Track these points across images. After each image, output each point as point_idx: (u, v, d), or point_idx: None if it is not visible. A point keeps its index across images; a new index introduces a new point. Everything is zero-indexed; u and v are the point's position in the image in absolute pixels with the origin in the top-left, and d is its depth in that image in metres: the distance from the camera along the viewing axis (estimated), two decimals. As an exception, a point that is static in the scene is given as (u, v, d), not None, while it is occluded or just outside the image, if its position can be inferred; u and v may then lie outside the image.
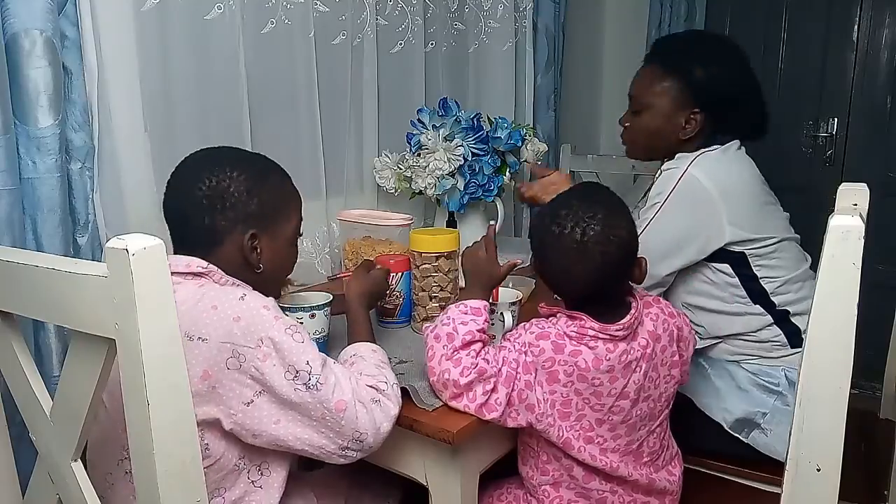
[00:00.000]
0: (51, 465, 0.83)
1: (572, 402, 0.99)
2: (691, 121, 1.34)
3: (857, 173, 2.43)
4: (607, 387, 0.99)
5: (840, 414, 0.77)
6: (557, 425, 0.99)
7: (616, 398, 1.00)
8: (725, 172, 1.29)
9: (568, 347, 0.98)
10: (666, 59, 1.37)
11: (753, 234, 1.26)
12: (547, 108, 2.26)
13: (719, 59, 1.35)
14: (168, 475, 0.68)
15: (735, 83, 1.35)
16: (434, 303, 1.23)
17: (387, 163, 1.70)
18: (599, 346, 0.98)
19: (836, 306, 0.75)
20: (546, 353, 0.97)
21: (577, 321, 0.99)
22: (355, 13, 1.64)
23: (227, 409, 0.84)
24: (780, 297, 1.30)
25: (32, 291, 0.75)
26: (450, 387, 0.96)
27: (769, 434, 1.29)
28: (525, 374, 0.97)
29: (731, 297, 1.31)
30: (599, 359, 0.98)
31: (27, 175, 1.07)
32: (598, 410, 1.00)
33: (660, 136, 1.37)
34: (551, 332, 0.99)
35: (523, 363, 0.98)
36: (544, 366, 0.97)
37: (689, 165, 1.27)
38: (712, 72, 1.33)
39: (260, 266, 0.96)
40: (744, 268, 1.29)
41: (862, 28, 2.51)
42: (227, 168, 0.94)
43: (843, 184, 0.95)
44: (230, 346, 0.83)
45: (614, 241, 0.97)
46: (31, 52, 1.04)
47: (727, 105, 1.33)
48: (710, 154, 1.31)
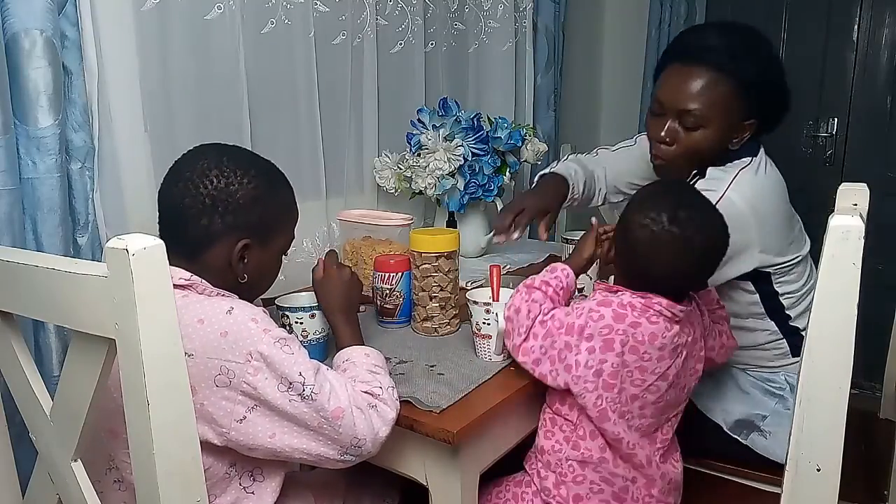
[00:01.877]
0: (51, 464, 0.83)
1: (618, 374, 0.99)
2: (746, 131, 1.21)
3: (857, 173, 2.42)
4: (654, 364, 1.00)
5: (840, 414, 0.77)
6: (598, 394, 1.00)
7: (657, 378, 1.01)
8: (761, 197, 1.19)
9: (629, 318, 0.99)
10: (718, 60, 1.17)
11: (780, 258, 1.23)
12: (547, 108, 2.26)
13: (766, 56, 1.21)
14: (168, 475, 0.68)
15: (781, 80, 1.22)
16: (434, 303, 1.23)
17: (387, 163, 1.70)
18: (660, 322, 0.99)
19: (837, 306, 0.75)
20: (605, 319, 0.99)
21: (643, 297, 1.00)
22: (355, 13, 1.64)
23: (219, 428, 0.83)
24: (795, 310, 1.28)
25: (32, 291, 0.75)
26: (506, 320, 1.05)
27: (768, 437, 1.28)
28: (567, 335, 1.00)
29: (747, 313, 1.28)
30: (656, 335, 0.99)
31: (27, 175, 1.07)
32: (637, 386, 1.01)
33: (712, 154, 1.21)
34: (613, 301, 1.01)
35: (567, 325, 1.00)
36: (601, 332, 0.99)
37: (727, 189, 1.16)
38: (767, 73, 1.19)
39: (244, 276, 0.93)
40: (765, 285, 1.26)
41: (862, 28, 2.51)
42: (238, 172, 0.91)
43: (843, 184, 0.95)
44: (218, 361, 0.81)
45: (719, 245, 1.01)
46: (31, 52, 1.04)
47: (776, 107, 1.22)
48: (746, 173, 1.20)
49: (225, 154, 0.94)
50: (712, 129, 1.19)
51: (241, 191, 0.91)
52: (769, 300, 1.27)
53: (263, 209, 0.93)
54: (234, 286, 0.93)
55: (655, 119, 1.24)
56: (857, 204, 0.91)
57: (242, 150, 1.00)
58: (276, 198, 0.97)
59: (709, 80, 1.17)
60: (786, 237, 1.24)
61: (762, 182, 1.22)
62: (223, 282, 0.92)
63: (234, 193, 0.91)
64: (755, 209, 1.17)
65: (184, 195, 0.91)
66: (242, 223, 0.92)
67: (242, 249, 0.92)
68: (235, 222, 0.91)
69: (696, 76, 1.18)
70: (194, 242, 0.91)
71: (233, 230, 0.91)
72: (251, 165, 0.94)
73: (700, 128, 1.19)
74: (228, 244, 0.91)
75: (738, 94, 1.17)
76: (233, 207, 0.91)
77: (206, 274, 0.91)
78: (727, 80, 1.17)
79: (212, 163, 0.92)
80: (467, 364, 1.09)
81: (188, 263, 0.90)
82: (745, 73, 1.17)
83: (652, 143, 1.26)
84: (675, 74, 1.21)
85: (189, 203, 0.90)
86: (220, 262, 0.92)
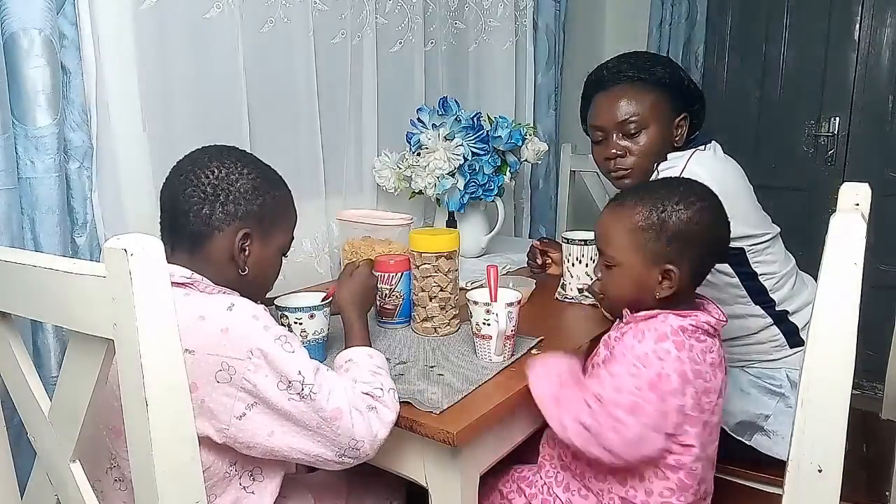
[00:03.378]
0: (49, 465, 0.83)
1: (700, 405, 0.94)
2: (681, 126, 1.34)
3: (858, 172, 2.43)
4: (714, 383, 0.97)
5: (841, 414, 0.76)
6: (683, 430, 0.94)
7: (718, 395, 0.98)
8: (722, 171, 1.28)
9: (686, 342, 0.94)
10: (632, 74, 1.34)
11: (752, 230, 1.26)
12: (547, 108, 2.25)
13: (662, 61, 1.38)
14: (167, 475, 0.68)
15: (686, 76, 1.37)
16: (434, 303, 1.23)
17: (386, 162, 1.70)
18: (708, 340, 0.97)
19: (838, 306, 0.75)
20: (672, 353, 0.92)
21: (688, 317, 0.96)
22: (355, 12, 1.64)
23: (218, 424, 0.83)
24: (777, 293, 1.30)
25: (31, 291, 0.75)
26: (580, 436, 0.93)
27: (772, 436, 1.28)
28: (652, 391, 0.91)
29: (732, 297, 1.30)
30: (706, 352, 0.96)
31: (25, 175, 1.07)
32: (704, 411, 0.96)
33: (663, 150, 1.33)
34: (667, 331, 0.94)
35: (649, 381, 0.91)
36: (675, 368, 0.92)
37: (686, 163, 1.27)
38: (674, 72, 1.35)
39: (245, 269, 0.94)
40: (743, 265, 1.28)
41: (863, 27, 2.50)
42: (238, 164, 0.94)
43: (844, 183, 0.95)
44: (219, 358, 0.81)
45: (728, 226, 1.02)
46: (30, 51, 1.03)
47: (698, 101, 1.37)
48: (703, 153, 1.30)
49: (226, 150, 0.97)
50: (653, 128, 1.32)
51: (242, 180, 0.93)
52: (749, 281, 1.29)
53: (263, 200, 0.95)
54: (235, 281, 0.94)
55: (599, 146, 1.38)
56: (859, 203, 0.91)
57: (244, 151, 1.01)
58: (276, 192, 0.98)
59: (631, 89, 1.33)
60: (754, 213, 1.28)
61: (721, 160, 1.32)
62: (224, 277, 0.93)
63: (234, 182, 0.92)
64: (720, 182, 1.21)
65: (185, 186, 0.92)
66: (243, 212, 0.93)
67: (243, 239, 0.93)
68: (236, 211, 0.92)
69: (619, 92, 1.34)
70: (196, 234, 0.92)
71: (234, 219, 0.93)
72: (251, 160, 0.97)
73: (642, 130, 1.32)
74: (229, 234, 0.92)
75: (660, 93, 1.32)
76: (234, 196, 0.92)
77: (208, 269, 0.91)
78: (646, 84, 1.33)
79: (212, 157, 0.94)
80: (467, 365, 1.09)
81: (190, 259, 0.91)
82: (657, 75, 1.33)
83: (606, 166, 1.38)
84: (602, 100, 1.36)
85: (190, 193, 0.91)
86: (222, 255, 0.93)
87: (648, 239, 0.98)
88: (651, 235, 0.97)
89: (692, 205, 0.97)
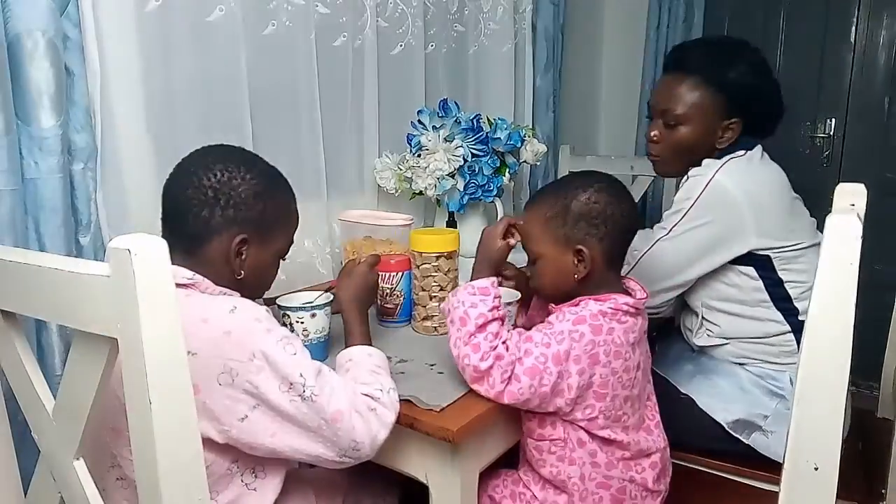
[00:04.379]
0: (53, 463, 0.84)
1: (609, 383, 1.00)
2: (729, 129, 1.31)
3: (854, 173, 2.44)
4: (633, 359, 1.02)
5: (838, 413, 0.77)
6: (588, 404, 1.00)
7: (636, 370, 1.03)
8: (753, 180, 1.26)
9: (605, 326, 1.00)
10: (695, 66, 1.31)
11: (779, 242, 1.25)
12: (546, 109, 2.26)
13: (748, 62, 1.32)
14: (170, 474, 0.68)
15: (766, 86, 1.33)
16: (434, 302, 1.23)
17: (387, 163, 1.71)
18: (629, 320, 1.01)
19: (834, 306, 0.75)
20: (586, 336, 0.98)
21: (607, 301, 1.01)
22: (356, 15, 1.64)
23: (220, 426, 0.83)
24: (803, 302, 1.28)
25: (35, 291, 0.76)
26: (468, 371, 0.99)
27: (770, 436, 1.28)
28: (556, 365, 0.97)
29: (755, 301, 1.29)
30: (628, 332, 1.01)
31: (29, 175, 1.08)
32: (627, 387, 1.02)
33: (698, 149, 1.32)
34: (586, 315, 1.00)
35: (554, 354, 0.97)
36: (586, 349, 0.98)
37: (716, 172, 1.25)
38: (746, 77, 1.30)
39: (241, 272, 0.94)
40: (769, 271, 1.27)
41: (860, 28, 2.51)
42: (242, 168, 0.93)
43: (840, 184, 0.96)
44: (221, 360, 0.81)
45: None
46: (34, 53, 1.04)
47: (762, 110, 1.33)
48: (738, 161, 1.28)
49: (231, 152, 0.96)
50: (691, 126, 1.32)
51: (244, 185, 0.92)
52: (774, 287, 1.28)
53: (264, 206, 0.94)
54: (232, 283, 0.94)
55: (650, 123, 1.40)
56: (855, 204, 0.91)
57: (249, 152, 1.01)
58: (278, 198, 0.97)
59: (685, 83, 1.32)
60: (785, 224, 1.27)
61: (756, 168, 1.30)
62: (222, 278, 0.93)
63: (236, 188, 0.92)
64: (747, 192, 1.23)
65: (186, 187, 0.91)
66: (242, 218, 0.92)
67: (240, 244, 0.93)
68: (235, 217, 0.92)
69: (674, 81, 1.34)
70: (194, 235, 0.92)
71: (232, 224, 0.92)
72: (256, 165, 0.96)
73: (680, 125, 1.33)
74: (227, 238, 0.92)
75: (713, 94, 1.30)
76: (234, 202, 0.91)
77: (206, 270, 0.91)
78: (702, 82, 1.31)
79: (217, 159, 0.93)
80: (467, 363, 1.10)
81: (188, 258, 0.91)
82: (720, 76, 1.30)
83: (647, 143, 1.40)
84: (661, 83, 1.39)
85: (191, 194, 0.91)
86: (219, 257, 0.92)
87: (557, 225, 1.04)
88: (559, 222, 1.04)
89: (590, 186, 1.04)
